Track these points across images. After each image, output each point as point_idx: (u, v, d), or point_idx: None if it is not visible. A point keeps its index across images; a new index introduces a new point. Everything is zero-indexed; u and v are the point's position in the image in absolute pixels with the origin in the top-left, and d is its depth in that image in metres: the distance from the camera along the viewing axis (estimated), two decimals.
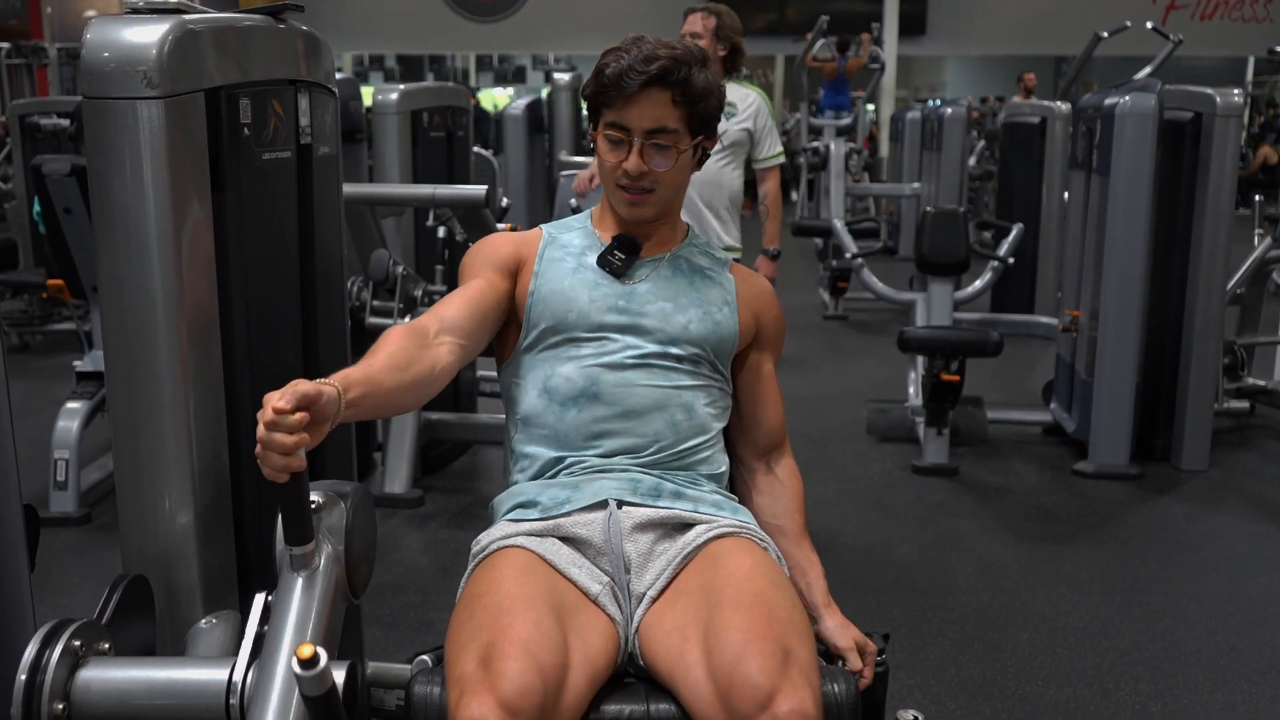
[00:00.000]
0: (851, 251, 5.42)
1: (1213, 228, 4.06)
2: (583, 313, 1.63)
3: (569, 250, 1.70)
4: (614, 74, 1.57)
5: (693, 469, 1.64)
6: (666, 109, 1.58)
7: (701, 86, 1.59)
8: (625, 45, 1.59)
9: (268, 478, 1.27)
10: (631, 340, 1.62)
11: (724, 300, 1.70)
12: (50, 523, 3.42)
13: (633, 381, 1.61)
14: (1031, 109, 6.69)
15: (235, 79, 1.60)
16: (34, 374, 5.48)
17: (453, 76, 18.86)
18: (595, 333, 1.62)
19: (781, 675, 1.31)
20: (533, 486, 1.61)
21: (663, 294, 1.67)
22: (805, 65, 9.52)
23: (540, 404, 1.63)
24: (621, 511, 1.56)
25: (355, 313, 3.46)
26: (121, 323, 1.52)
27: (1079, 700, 2.54)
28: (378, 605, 2.96)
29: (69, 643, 1.38)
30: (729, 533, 1.56)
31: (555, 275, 1.66)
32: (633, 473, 1.60)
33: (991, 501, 3.86)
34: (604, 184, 1.67)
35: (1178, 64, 5.02)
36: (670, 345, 1.63)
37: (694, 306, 1.67)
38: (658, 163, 1.60)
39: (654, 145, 1.59)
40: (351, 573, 1.44)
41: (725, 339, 1.68)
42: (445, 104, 4.12)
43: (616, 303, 1.64)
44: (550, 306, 1.64)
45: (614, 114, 1.59)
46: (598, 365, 1.61)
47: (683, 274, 1.70)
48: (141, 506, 1.57)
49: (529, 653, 1.31)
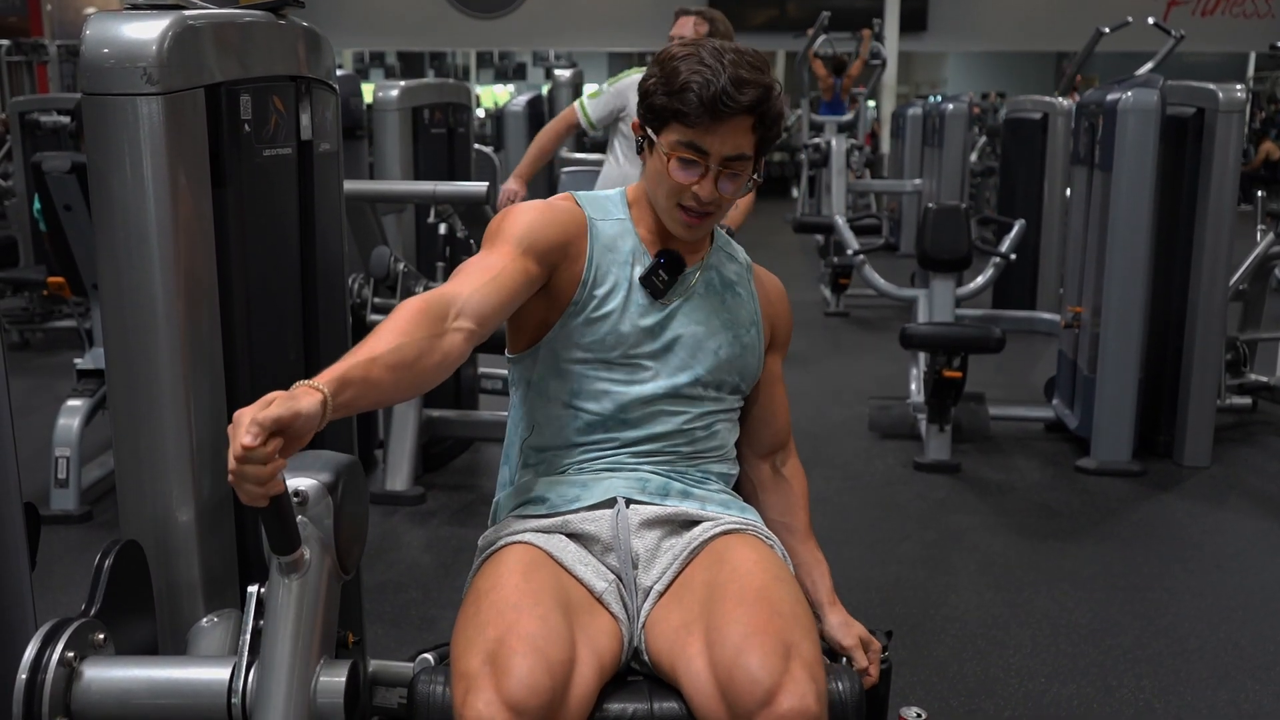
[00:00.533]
0: (853, 248, 5.41)
1: (1215, 224, 4.05)
2: (622, 337, 1.58)
3: (615, 256, 1.61)
4: (705, 96, 1.46)
5: (703, 468, 1.65)
6: (746, 137, 1.51)
7: (777, 114, 1.53)
8: (706, 59, 1.49)
9: (245, 504, 1.21)
10: (662, 370, 1.60)
11: (751, 321, 1.68)
12: (51, 520, 3.42)
13: (660, 409, 1.60)
14: (1033, 104, 6.68)
15: (236, 75, 1.59)
16: (34, 371, 5.48)
17: (453, 73, 18.84)
18: (628, 359, 1.59)
19: (783, 671, 1.30)
20: (542, 483, 1.61)
21: (695, 316, 1.62)
22: (806, 61, 9.53)
23: (564, 416, 1.61)
24: (629, 509, 1.56)
25: (357, 310, 3.46)
26: (122, 320, 1.52)
27: (1082, 697, 2.54)
28: (380, 603, 2.95)
29: (70, 642, 1.37)
30: (735, 529, 1.56)
31: (603, 289, 1.58)
32: (642, 471, 1.59)
33: (993, 498, 3.85)
34: (656, 196, 1.59)
35: (1179, 60, 5.01)
36: (701, 369, 1.62)
37: (724, 330, 1.64)
38: (727, 189, 1.53)
39: (729, 174, 1.53)
40: (343, 556, 1.43)
41: (750, 366, 1.67)
42: (446, 100, 4.11)
43: (654, 327, 1.59)
44: (594, 326, 1.58)
45: (694, 135, 1.50)
46: (627, 393, 1.58)
47: (715, 292, 1.66)
48: (142, 504, 1.56)
49: (536, 649, 1.30)
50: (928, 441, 4.16)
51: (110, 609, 1.44)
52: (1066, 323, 4.43)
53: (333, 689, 1.40)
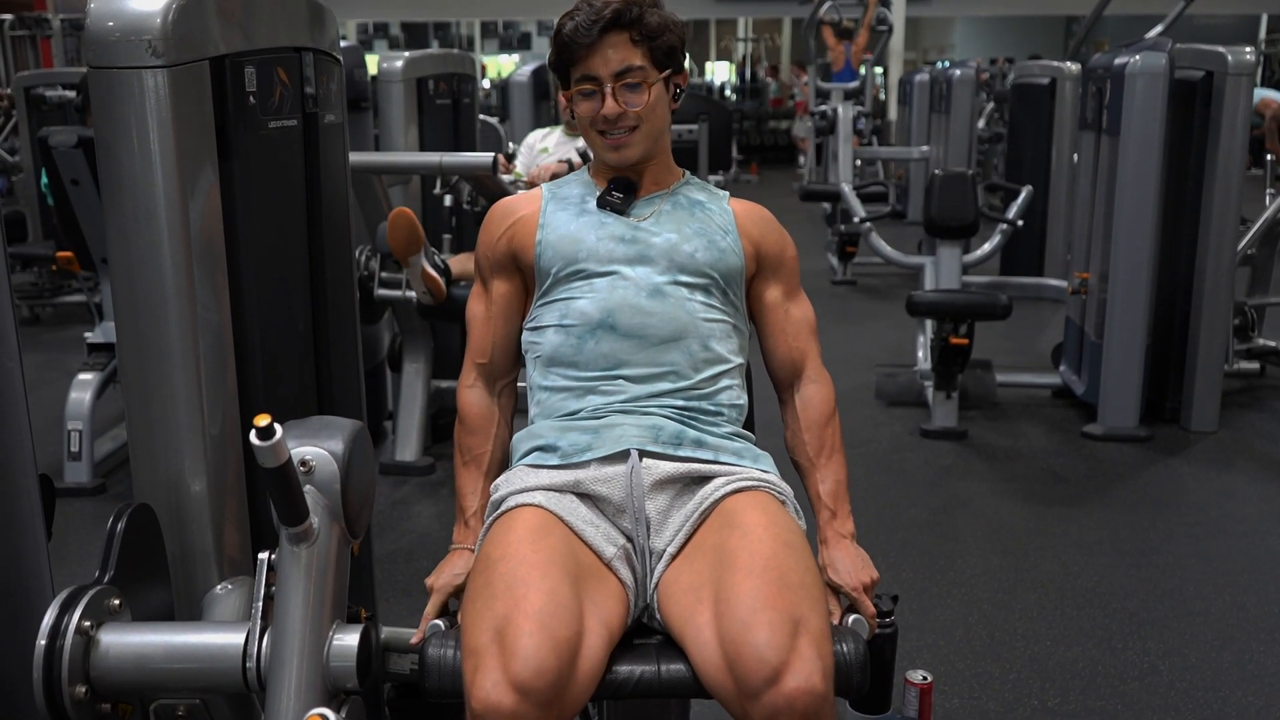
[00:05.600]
0: (860, 216, 5.40)
1: (1223, 188, 4.03)
2: (591, 249, 1.66)
3: (569, 200, 1.74)
4: (570, 31, 1.63)
5: (714, 398, 1.65)
6: (628, 49, 1.64)
7: (657, 22, 1.65)
8: (577, 6, 1.66)
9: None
10: (642, 270, 1.65)
11: (725, 229, 1.72)
12: (65, 493, 3.46)
13: (648, 310, 1.63)
14: (1041, 69, 6.63)
15: (240, 47, 1.59)
16: (45, 346, 5.51)
17: (458, 43, 18.74)
18: (606, 266, 1.65)
19: (790, 649, 1.30)
20: (552, 428, 1.62)
21: (667, 227, 1.70)
22: (814, 29, 9.46)
23: (558, 339, 1.65)
24: (643, 465, 1.56)
25: (364, 282, 3.47)
26: (131, 293, 1.53)
27: (1087, 660, 2.56)
28: (391, 572, 2.99)
29: (87, 609, 1.40)
30: (746, 487, 1.56)
31: (560, 222, 1.70)
32: (655, 416, 1.60)
33: (1000, 464, 3.87)
34: (588, 140, 1.71)
35: (1190, 22, 4.98)
36: (680, 273, 1.66)
37: (698, 236, 1.69)
38: (631, 101, 1.65)
39: (625, 86, 1.64)
40: (351, 522, 1.45)
41: (732, 266, 1.70)
42: (451, 71, 4.10)
43: (624, 236, 1.68)
44: (560, 250, 1.67)
45: (580, 69, 1.65)
46: (612, 297, 1.63)
47: (683, 208, 1.73)
48: (154, 475, 1.58)
49: (543, 626, 1.31)
50: (935, 408, 4.17)
51: (124, 574, 1.46)
52: (1074, 289, 4.42)
53: (345, 653, 1.42)
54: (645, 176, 1.73)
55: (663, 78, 1.67)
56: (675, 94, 1.71)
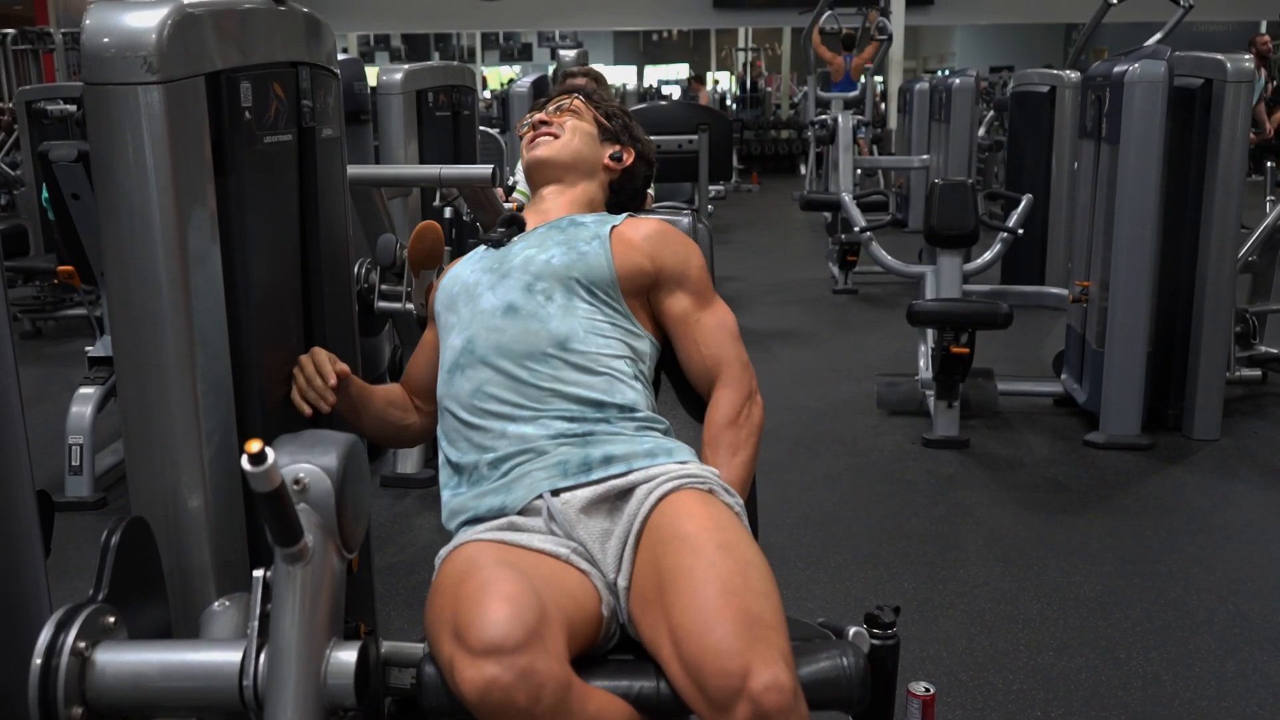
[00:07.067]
0: (860, 225, 5.40)
1: (1223, 195, 4.03)
2: (465, 283, 1.74)
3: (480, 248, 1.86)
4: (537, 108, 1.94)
5: (604, 407, 1.61)
6: (579, 100, 1.92)
7: (611, 105, 1.94)
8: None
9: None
10: (501, 290, 1.69)
11: (593, 236, 1.73)
12: (65, 507, 3.45)
13: (500, 328, 1.65)
14: (1040, 78, 6.63)
15: (236, 62, 1.59)
16: (46, 360, 5.52)
17: (458, 55, 18.78)
18: (472, 295, 1.71)
19: (750, 651, 1.29)
20: (466, 499, 1.62)
21: (530, 245, 1.74)
22: (812, 37, 9.47)
23: (439, 382, 1.70)
24: (559, 500, 1.55)
25: (364, 295, 3.46)
26: (128, 307, 1.52)
27: (1091, 670, 2.55)
28: (392, 585, 2.98)
29: (82, 629, 1.39)
30: (669, 490, 1.53)
31: (456, 267, 1.80)
32: (559, 449, 1.58)
33: (1002, 473, 3.86)
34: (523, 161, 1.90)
35: (1189, 30, 4.98)
36: (537, 280, 1.68)
37: (557, 245, 1.72)
38: (565, 118, 1.87)
39: (563, 108, 1.89)
40: (346, 538, 1.44)
41: (594, 266, 1.69)
42: (450, 83, 4.10)
43: (492, 266, 1.73)
44: (444, 291, 1.77)
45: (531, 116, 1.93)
46: (473, 324, 1.67)
47: (558, 228, 1.77)
48: (152, 490, 1.57)
49: (495, 594, 1.31)
50: (936, 417, 4.16)
51: (120, 591, 1.45)
52: (1075, 297, 4.41)
53: (343, 671, 1.41)
54: (541, 209, 1.85)
55: (600, 128, 1.87)
56: (613, 154, 1.89)
